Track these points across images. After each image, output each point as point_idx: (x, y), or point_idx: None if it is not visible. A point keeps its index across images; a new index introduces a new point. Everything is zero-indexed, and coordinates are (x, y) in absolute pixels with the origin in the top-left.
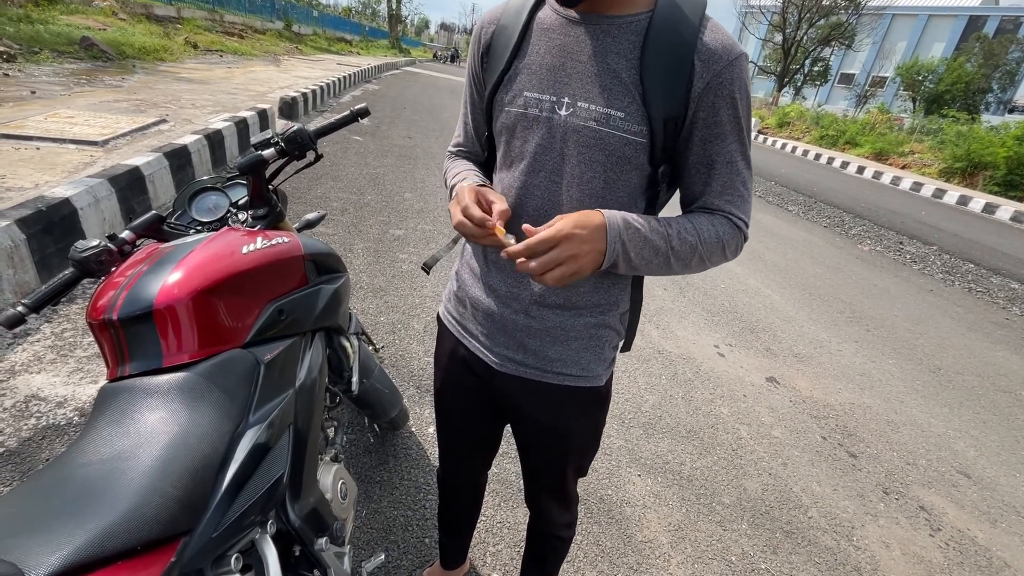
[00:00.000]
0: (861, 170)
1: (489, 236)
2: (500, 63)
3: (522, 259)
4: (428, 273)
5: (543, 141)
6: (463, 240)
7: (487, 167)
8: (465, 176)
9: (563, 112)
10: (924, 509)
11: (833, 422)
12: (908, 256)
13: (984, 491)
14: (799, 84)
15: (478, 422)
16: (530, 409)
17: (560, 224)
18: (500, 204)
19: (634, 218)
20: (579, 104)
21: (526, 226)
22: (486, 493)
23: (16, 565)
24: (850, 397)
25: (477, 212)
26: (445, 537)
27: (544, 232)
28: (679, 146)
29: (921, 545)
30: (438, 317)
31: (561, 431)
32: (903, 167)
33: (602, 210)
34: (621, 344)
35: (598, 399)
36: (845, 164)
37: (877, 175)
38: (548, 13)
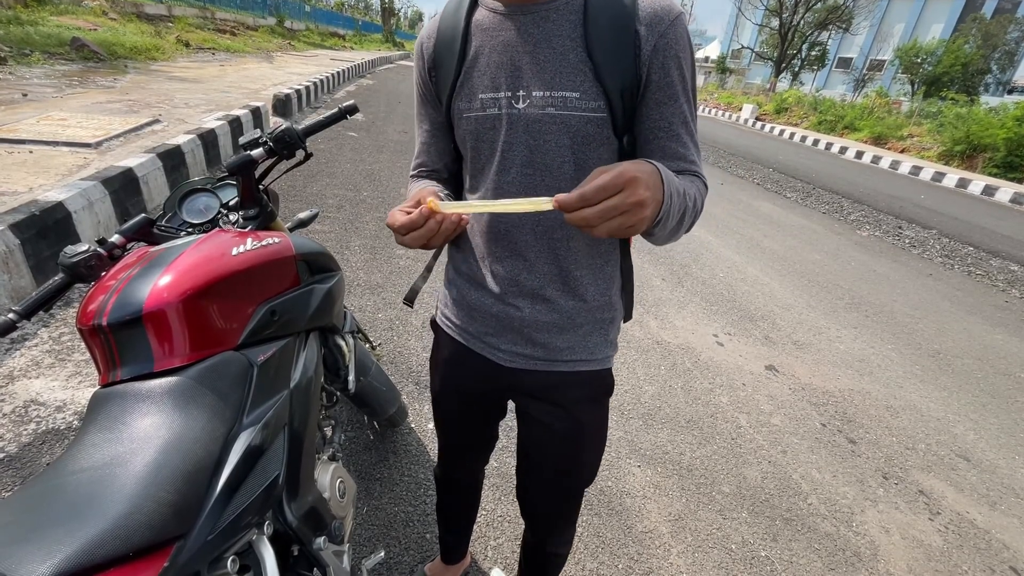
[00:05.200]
0: (860, 155)
1: (441, 223)
2: (450, 73)
3: (575, 211)
4: (412, 306)
5: (508, 137)
6: (446, 249)
7: (456, 181)
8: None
9: (520, 105)
10: (923, 493)
11: (832, 409)
12: (907, 240)
13: (983, 474)
14: (796, 69)
15: (479, 423)
16: (541, 398)
17: (622, 167)
18: (421, 192)
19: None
20: (534, 94)
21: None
22: (486, 487)
23: (4, 575)
24: (849, 383)
25: (406, 217)
26: (445, 533)
27: (604, 178)
28: (636, 113)
29: (920, 529)
30: (433, 323)
31: (573, 419)
32: (902, 151)
33: (643, 159)
34: (622, 319)
35: (605, 384)
36: (843, 149)
37: (876, 159)
38: (484, 14)
